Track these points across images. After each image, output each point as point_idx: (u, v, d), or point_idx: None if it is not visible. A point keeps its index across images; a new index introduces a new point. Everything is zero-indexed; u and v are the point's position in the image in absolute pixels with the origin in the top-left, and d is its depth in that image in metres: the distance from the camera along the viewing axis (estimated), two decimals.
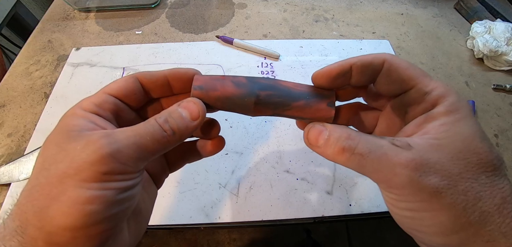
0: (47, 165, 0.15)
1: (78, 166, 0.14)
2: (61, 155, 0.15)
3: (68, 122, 0.16)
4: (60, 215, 0.14)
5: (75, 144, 0.15)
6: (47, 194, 0.14)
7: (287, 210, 0.33)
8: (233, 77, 0.20)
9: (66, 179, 0.14)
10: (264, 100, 0.20)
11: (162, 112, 0.18)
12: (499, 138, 0.41)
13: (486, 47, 0.48)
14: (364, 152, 0.16)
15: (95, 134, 0.15)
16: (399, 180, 0.16)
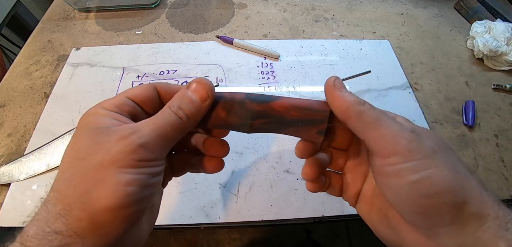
0: (82, 156, 0.17)
1: (115, 155, 0.17)
2: (95, 147, 0.17)
3: (93, 120, 0.19)
4: (104, 196, 0.16)
5: (108, 138, 0.17)
6: (89, 180, 0.16)
7: (287, 210, 0.33)
8: (226, 102, 0.21)
9: (104, 166, 0.16)
10: (258, 128, 0.22)
11: (174, 99, 0.20)
12: (499, 138, 0.41)
13: (486, 47, 0.48)
14: (374, 118, 0.19)
15: (124, 129, 0.18)
16: (405, 142, 0.18)
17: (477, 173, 0.37)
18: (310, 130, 0.21)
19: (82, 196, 0.16)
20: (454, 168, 0.17)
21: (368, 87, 0.46)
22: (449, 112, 0.43)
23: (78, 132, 0.18)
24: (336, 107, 0.20)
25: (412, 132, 0.18)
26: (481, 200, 0.17)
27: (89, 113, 0.19)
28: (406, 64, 0.50)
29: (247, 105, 0.21)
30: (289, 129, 0.22)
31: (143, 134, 0.18)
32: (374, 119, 0.19)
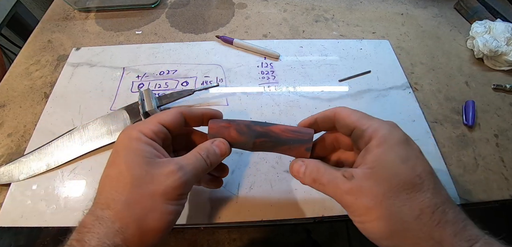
0: (137, 184, 0.21)
1: (165, 189, 0.22)
2: (148, 177, 0.22)
3: (138, 147, 0.23)
4: (153, 221, 0.21)
5: (158, 170, 0.22)
6: (143, 206, 0.21)
7: (287, 210, 0.33)
8: (237, 125, 0.28)
9: (156, 196, 0.21)
10: (259, 145, 0.28)
11: (202, 148, 0.26)
12: (499, 138, 0.41)
13: (486, 47, 0.48)
14: (325, 182, 0.23)
15: (172, 165, 0.23)
16: (346, 201, 0.22)
17: (477, 173, 0.37)
18: (300, 147, 0.27)
19: (138, 219, 0.21)
20: (387, 224, 0.20)
21: (368, 87, 0.46)
22: (449, 112, 0.43)
23: (127, 156, 0.22)
24: (303, 183, 0.25)
25: (352, 194, 0.22)
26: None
27: (132, 138, 0.23)
28: (406, 64, 0.50)
29: (252, 127, 0.28)
30: (284, 147, 0.28)
31: (186, 172, 0.23)
32: (325, 186, 0.23)
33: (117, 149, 0.23)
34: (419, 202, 0.20)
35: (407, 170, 0.21)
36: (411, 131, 0.40)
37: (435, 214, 0.20)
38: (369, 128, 0.23)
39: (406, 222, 0.20)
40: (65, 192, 0.34)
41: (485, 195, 0.35)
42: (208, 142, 0.27)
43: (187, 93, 0.40)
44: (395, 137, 0.22)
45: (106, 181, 0.22)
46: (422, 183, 0.20)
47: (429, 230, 0.19)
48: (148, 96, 0.38)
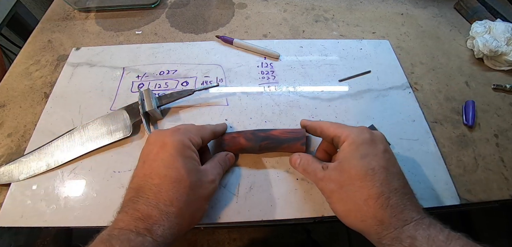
0: (194, 188, 0.27)
1: (208, 194, 0.29)
2: (199, 183, 0.28)
3: (192, 156, 0.29)
4: (199, 217, 0.28)
5: (205, 179, 0.29)
6: (195, 206, 0.28)
7: (287, 210, 0.33)
8: (244, 134, 0.36)
9: (202, 199, 0.29)
10: (264, 147, 0.35)
11: (221, 159, 0.33)
12: (499, 138, 0.41)
13: (486, 47, 0.48)
14: (310, 171, 0.31)
15: (212, 175, 0.30)
16: (320, 186, 0.30)
17: (477, 173, 0.37)
18: (296, 143, 0.35)
19: (191, 214, 0.27)
20: (344, 205, 0.27)
21: (368, 87, 0.46)
22: (449, 112, 0.43)
23: (185, 163, 0.27)
24: (299, 172, 0.34)
25: (324, 181, 0.29)
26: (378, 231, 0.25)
27: (186, 146, 0.29)
28: (406, 64, 0.50)
29: (257, 134, 0.35)
30: (284, 145, 0.35)
31: (218, 181, 0.31)
32: (310, 175, 0.31)
33: (172, 153, 0.27)
34: (368, 189, 0.26)
35: (363, 164, 0.27)
36: (411, 131, 0.40)
37: (380, 199, 0.25)
38: (342, 134, 0.30)
39: (357, 203, 0.26)
40: (65, 192, 0.34)
41: (485, 195, 0.35)
42: (223, 154, 0.34)
43: (187, 93, 0.40)
44: (360, 138, 0.28)
45: (167, 180, 0.26)
46: (374, 175, 0.26)
47: (373, 211, 0.25)
48: (148, 96, 0.38)
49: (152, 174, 0.26)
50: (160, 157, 0.27)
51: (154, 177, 0.26)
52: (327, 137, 0.32)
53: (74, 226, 0.32)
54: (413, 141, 0.39)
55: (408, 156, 0.38)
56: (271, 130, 0.36)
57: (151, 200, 0.25)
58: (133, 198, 0.26)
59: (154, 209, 0.25)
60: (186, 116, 0.41)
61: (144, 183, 0.26)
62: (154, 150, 0.28)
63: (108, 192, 0.34)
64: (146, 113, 0.38)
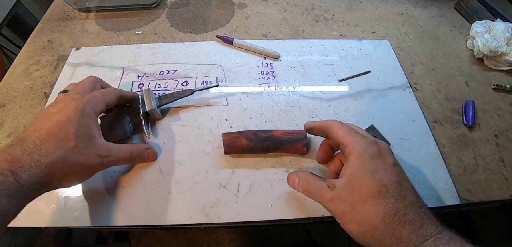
0: (76, 152, 0.28)
1: (90, 166, 0.29)
2: (84, 150, 0.28)
3: (89, 123, 0.30)
4: (71, 181, 0.30)
5: (93, 150, 0.29)
6: (70, 169, 0.28)
7: (287, 210, 0.33)
8: (246, 134, 0.35)
9: (83, 167, 0.29)
10: (265, 148, 0.35)
11: (136, 150, 0.34)
12: (499, 138, 0.41)
13: (486, 47, 0.48)
14: (313, 192, 0.29)
15: (102, 149, 0.30)
16: (329, 208, 0.28)
17: (477, 173, 0.37)
18: (297, 144, 0.35)
19: (63, 174, 0.27)
20: (358, 226, 0.26)
21: (368, 87, 0.46)
22: (449, 112, 0.43)
23: (78, 128, 0.28)
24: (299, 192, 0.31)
25: (333, 202, 0.27)
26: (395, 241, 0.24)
27: (86, 113, 0.29)
28: (406, 64, 0.50)
29: (258, 134, 0.35)
30: (285, 146, 0.36)
31: (110, 161, 0.31)
32: (314, 195, 0.29)
33: (69, 116, 0.28)
34: (383, 207, 0.25)
35: (375, 181, 0.26)
36: (411, 131, 0.40)
37: (396, 216, 0.24)
38: (349, 144, 0.28)
39: (373, 223, 0.25)
40: (65, 192, 0.34)
41: (485, 195, 0.35)
42: (144, 146, 0.35)
43: (187, 93, 0.40)
44: (368, 153, 0.27)
45: (52, 136, 0.27)
46: (387, 191, 0.25)
47: (391, 229, 0.24)
48: (148, 96, 0.38)
49: (42, 130, 0.27)
50: (56, 118, 0.28)
51: (43, 132, 0.27)
52: (334, 139, 0.31)
53: (74, 226, 0.32)
54: (413, 141, 0.39)
55: (408, 156, 0.38)
56: (273, 131, 0.36)
57: (28, 148, 0.26)
58: (13, 144, 0.26)
59: (27, 156, 0.25)
60: (186, 116, 0.41)
61: (30, 135, 0.27)
62: (54, 110, 0.29)
63: (108, 192, 0.34)
64: (146, 114, 0.38)
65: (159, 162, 0.36)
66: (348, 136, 0.29)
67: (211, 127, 0.40)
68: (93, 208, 0.33)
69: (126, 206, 0.33)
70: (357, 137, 0.29)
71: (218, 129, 0.40)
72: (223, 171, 0.36)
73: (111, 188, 0.34)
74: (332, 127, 0.31)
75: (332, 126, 0.31)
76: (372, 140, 0.29)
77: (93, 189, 0.34)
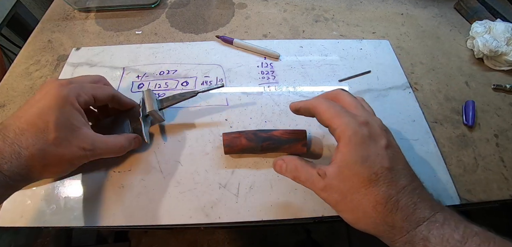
0: (57, 143, 0.27)
1: (71, 158, 0.28)
2: (66, 142, 0.27)
3: (70, 112, 0.28)
4: (52, 173, 0.29)
5: (75, 140, 0.28)
6: (51, 161, 0.27)
7: (287, 210, 0.33)
8: (246, 134, 0.35)
9: (64, 159, 0.28)
10: (266, 148, 0.35)
11: (126, 140, 0.34)
12: (499, 138, 0.41)
13: (486, 47, 0.48)
14: (303, 179, 0.28)
15: (86, 141, 0.29)
16: (322, 197, 0.27)
17: (477, 173, 0.37)
18: (297, 144, 0.35)
19: (44, 166, 0.27)
20: (351, 214, 0.26)
21: (368, 87, 0.46)
22: (449, 112, 0.43)
23: (58, 117, 0.27)
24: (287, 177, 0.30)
25: (325, 191, 0.27)
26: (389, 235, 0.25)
27: (68, 101, 0.28)
28: (406, 64, 0.50)
29: (258, 134, 0.35)
30: (285, 146, 0.35)
31: (94, 154, 0.30)
32: (303, 182, 0.29)
33: (50, 104, 0.27)
34: (375, 195, 0.24)
35: (365, 169, 0.25)
36: (411, 131, 0.40)
37: (388, 204, 0.24)
38: (338, 128, 0.27)
39: (366, 211, 0.25)
40: (65, 192, 0.34)
41: (485, 195, 0.35)
42: (132, 136, 0.35)
43: (190, 95, 0.39)
44: (359, 137, 0.26)
45: (32, 128, 0.26)
46: (377, 179, 0.25)
47: (383, 216, 0.24)
48: (149, 97, 0.37)
49: (22, 118, 0.26)
50: (37, 105, 0.27)
51: (23, 121, 0.26)
52: (322, 121, 0.29)
53: (74, 226, 0.32)
54: (413, 141, 0.39)
55: (408, 156, 0.37)
56: (273, 131, 0.36)
57: (9, 138, 0.25)
58: None
59: (8, 146, 0.25)
60: (186, 116, 0.41)
61: (12, 123, 0.26)
62: (37, 96, 0.28)
63: (108, 192, 0.34)
64: (146, 116, 0.37)
65: (159, 162, 0.36)
66: (336, 118, 0.27)
67: (211, 126, 0.40)
68: (93, 208, 0.33)
69: (126, 206, 0.33)
70: (346, 118, 0.27)
71: (218, 129, 0.40)
72: (223, 171, 0.36)
73: (111, 188, 0.34)
74: (319, 107, 0.28)
75: (319, 106, 0.28)
76: (363, 119, 0.27)
77: (93, 189, 0.34)
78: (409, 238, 0.23)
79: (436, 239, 0.22)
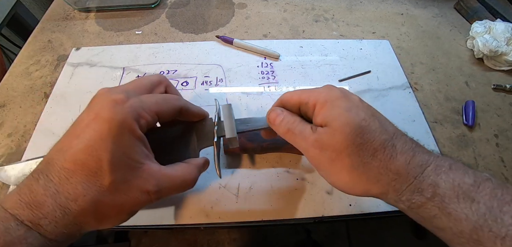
0: (113, 190, 0.20)
1: (133, 206, 0.22)
2: (125, 186, 0.21)
3: (130, 144, 0.21)
4: (109, 225, 0.22)
5: (136, 183, 0.21)
6: (108, 213, 0.21)
7: (287, 210, 0.33)
8: (246, 134, 0.32)
9: (123, 209, 0.21)
10: (266, 148, 0.35)
11: (198, 163, 0.27)
12: (499, 138, 0.41)
13: (486, 47, 0.48)
14: (297, 132, 0.25)
15: (151, 182, 0.22)
16: (312, 154, 0.24)
17: None
18: None
19: (99, 219, 0.21)
20: (349, 171, 0.22)
21: (368, 87, 0.46)
22: (449, 112, 0.43)
23: (114, 154, 0.20)
24: (277, 132, 0.27)
25: (317, 147, 0.23)
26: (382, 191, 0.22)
27: (126, 129, 0.21)
28: (406, 64, 0.50)
29: (259, 134, 0.33)
30: (285, 146, 0.35)
31: (160, 196, 0.23)
32: (296, 135, 0.25)
33: (102, 134, 0.20)
34: (371, 143, 0.22)
35: (353, 117, 0.22)
36: (411, 131, 0.40)
37: (387, 149, 0.22)
38: (310, 97, 0.25)
39: (366, 163, 0.22)
40: None
41: None
42: (201, 162, 0.27)
43: (262, 123, 0.29)
44: (334, 94, 0.24)
45: (81, 170, 0.19)
46: (368, 125, 0.22)
47: (385, 164, 0.21)
48: (229, 117, 0.28)
49: (68, 154, 0.20)
50: (86, 135, 0.20)
51: (69, 159, 0.20)
52: (292, 107, 0.27)
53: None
54: None
55: None
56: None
57: (53, 185, 0.19)
58: (38, 170, 0.20)
59: (51, 198, 0.19)
60: None
61: (56, 159, 0.20)
62: (86, 119, 0.21)
63: None
64: (218, 139, 0.28)
65: None
66: (304, 94, 0.26)
67: None
68: None
69: None
70: (314, 90, 0.25)
71: None
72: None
73: None
74: (284, 98, 0.27)
75: (284, 97, 0.27)
76: (328, 85, 0.26)
77: None
78: (417, 184, 0.21)
79: (446, 184, 0.20)
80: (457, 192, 0.19)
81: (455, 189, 0.19)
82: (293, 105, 0.27)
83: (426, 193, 0.20)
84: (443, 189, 0.20)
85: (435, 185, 0.20)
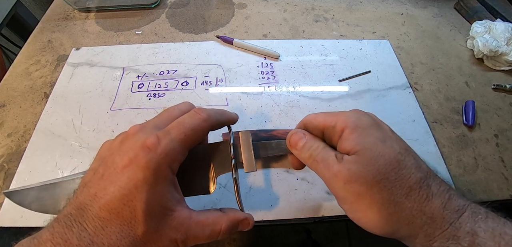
0: (145, 240, 0.19)
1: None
2: (157, 235, 0.20)
3: (164, 191, 0.20)
4: None
5: (166, 232, 0.20)
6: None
7: (287, 210, 0.33)
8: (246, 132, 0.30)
9: None
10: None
11: (232, 221, 0.24)
12: (499, 138, 0.41)
13: (486, 47, 0.48)
14: (319, 160, 0.23)
15: (180, 231, 0.21)
16: (335, 185, 0.22)
17: (477, 173, 0.37)
18: None
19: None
20: (380, 210, 0.20)
21: (368, 87, 0.46)
22: (449, 112, 0.43)
23: (149, 202, 0.19)
24: (299, 158, 0.26)
25: (342, 180, 0.21)
26: (411, 232, 0.20)
27: (160, 174, 0.20)
28: (406, 64, 0.50)
29: (258, 134, 0.34)
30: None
31: (186, 245, 0.21)
32: (319, 164, 0.23)
33: (137, 183, 0.19)
34: (406, 180, 0.20)
35: (389, 149, 0.20)
36: (411, 131, 0.40)
37: (422, 189, 0.20)
38: (338, 121, 0.23)
39: (399, 202, 0.20)
40: None
41: (485, 195, 0.35)
42: (240, 217, 0.25)
43: (282, 150, 0.28)
44: (365, 121, 0.22)
45: (116, 219, 0.19)
46: (404, 159, 0.20)
47: (419, 205, 0.19)
48: (248, 149, 0.27)
49: (102, 201, 0.19)
50: (120, 183, 0.19)
51: (103, 206, 0.19)
52: (315, 130, 0.25)
53: None
54: (413, 141, 0.39)
55: None
56: (273, 131, 0.36)
57: (87, 234, 0.19)
58: (71, 216, 0.19)
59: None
60: None
61: (89, 205, 0.19)
62: (119, 163, 0.20)
63: None
64: (234, 166, 0.26)
65: None
66: (330, 117, 0.24)
67: None
68: None
69: None
70: (341, 113, 0.24)
71: None
72: None
73: None
74: (307, 119, 0.26)
75: (307, 119, 0.26)
76: (357, 110, 0.24)
77: None
78: (453, 231, 0.19)
79: (485, 234, 0.18)
80: (498, 243, 0.18)
81: (496, 239, 0.18)
82: (316, 127, 0.25)
83: (463, 242, 0.18)
84: (483, 239, 0.18)
85: (474, 234, 0.18)
